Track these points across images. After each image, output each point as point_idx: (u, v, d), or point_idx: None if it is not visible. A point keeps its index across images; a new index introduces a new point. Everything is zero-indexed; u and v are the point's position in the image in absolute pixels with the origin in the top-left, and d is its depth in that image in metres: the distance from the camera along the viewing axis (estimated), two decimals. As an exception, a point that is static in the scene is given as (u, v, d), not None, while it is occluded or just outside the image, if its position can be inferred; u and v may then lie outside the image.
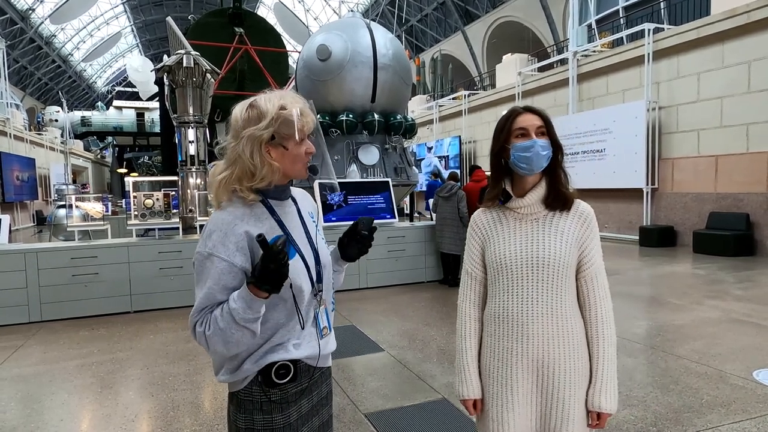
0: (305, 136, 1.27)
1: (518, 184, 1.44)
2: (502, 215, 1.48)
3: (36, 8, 30.29)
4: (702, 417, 2.93)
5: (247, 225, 1.24)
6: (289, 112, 1.24)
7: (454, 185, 6.91)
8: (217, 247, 1.21)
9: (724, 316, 5.06)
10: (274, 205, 1.31)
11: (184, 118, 6.58)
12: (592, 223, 1.44)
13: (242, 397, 1.28)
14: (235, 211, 1.26)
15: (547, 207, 1.43)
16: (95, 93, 48.15)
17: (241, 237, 1.22)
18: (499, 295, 1.44)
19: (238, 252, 1.22)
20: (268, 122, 1.23)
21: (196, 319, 1.22)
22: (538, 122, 1.40)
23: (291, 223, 1.33)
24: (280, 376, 1.26)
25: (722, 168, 9.71)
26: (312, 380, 1.34)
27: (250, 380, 1.27)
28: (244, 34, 11.21)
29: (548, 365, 1.38)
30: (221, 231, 1.22)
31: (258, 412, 1.26)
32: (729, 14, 9.35)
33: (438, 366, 3.90)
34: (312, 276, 1.32)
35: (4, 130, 20.10)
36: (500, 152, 1.43)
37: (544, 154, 1.38)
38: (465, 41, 27.20)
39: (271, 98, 1.26)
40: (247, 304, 1.15)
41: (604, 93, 12.44)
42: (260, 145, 1.23)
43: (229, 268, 1.21)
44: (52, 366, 4.13)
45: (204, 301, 1.21)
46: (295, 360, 1.28)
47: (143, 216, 6.31)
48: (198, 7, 35.92)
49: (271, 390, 1.26)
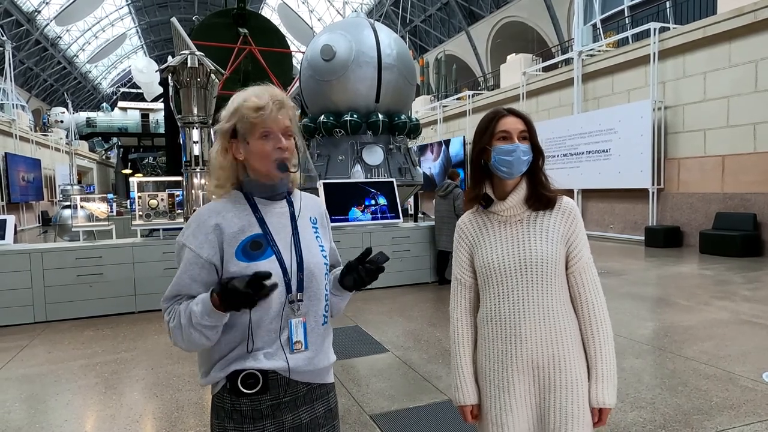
0: (267, 131, 1.21)
1: (498, 187, 1.44)
2: (487, 219, 1.47)
3: (42, 10, 30.45)
4: (711, 419, 2.89)
5: (221, 219, 1.23)
6: (249, 104, 1.21)
7: (450, 183, 6.92)
8: (188, 238, 1.23)
9: (733, 317, 5.01)
10: (260, 203, 1.28)
11: (189, 119, 6.57)
12: (576, 218, 1.43)
13: (216, 403, 1.25)
14: (215, 206, 1.26)
15: (530, 207, 1.42)
16: (100, 94, 48.37)
17: (210, 229, 1.22)
18: (490, 299, 1.43)
19: (206, 244, 1.21)
20: (229, 115, 1.24)
21: (164, 306, 1.24)
22: (521, 126, 1.40)
23: (276, 223, 1.28)
24: (248, 385, 1.20)
25: (729, 168, 9.64)
26: (295, 395, 1.25)
27: (221, 386, 1.23)
28: (248, 34, 11.22)
29: (544, 365, 1.37)
30: (195, 222, 1.24)
31: (229, 420, 1.22)
32: (736, 13, 9.29)
33: (443, 367, 3.87)
34: (290, 281, 1.24)
35: (10, 131, 20.22)
36: (481, 153, 1.43)
37: (525, 159, 1.38)
38: (469, 41, 27.16)
39: (240, 93, 1.25)
40: (206, 311, 1.13)
41: (609, 93, 12.38)
42: (224, 139, 1.24)
43: (195, 259, 1.21)
44: (56, 366, 4.13)
45: (173, 289, 1.23)
46: (264, 370, 1.20)
47: (148, 216, 6.31)
48: (202, 8, 36.02)
49: (240, 399, 1.21)
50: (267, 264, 1.21)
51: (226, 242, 1.21)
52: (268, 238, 1.25)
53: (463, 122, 19.03)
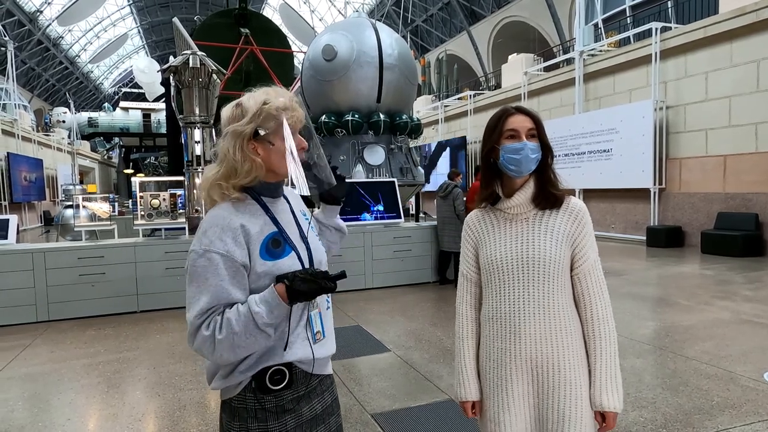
0: (291, 131, 1.24)
1: (507, 185, 1.45)
2: (494, 217, 1.48)
3: (44, 10, 30.50)
4: (713, 419, 2.89)
5: (244, 219, 1.23)
6: (272, 106, 1.22)
7: (450, 184, 6.92)
8: (215, 243, 1.18)
9: (734, 316, 5.01)
10: (268, 202, 1.30)
11: (190, 119, 6.60)
12: (584, 220, 1.42)
13: (236, 405, 1.24)
14: (229, 207, 1.24)
15: (537, 206, 1.42)
16: (102, 94, 48.44)
17: (237, 231, 1.20)
18: (492, 296, 1.44)
19: (237, 246, 1.18)
20: (249, 118, 1.22)
21: (200, 321, 1.15)
22: (529, 124, 1.40)
23: (284, 220, 1.31)
24: (275, 381, 1.22)
25: (731, 168, 9.63)
26: (309, 387, 1.30)
27: (244, 386, 1.23)
28: (250, 34, 11.24)
29: (542, 365, 1.37)
30: (217, 226, 1.20)
31: (252, 420, 1.22)
32: (737, 13, 9.28)
33: (445, 366, 3.88)
34: None
35: (12, 131, 20.25)
36: (490, 152, 1.43)
37: (533, 157, 1.38)
38: (470, 41, 27.15)
39: (255, 95, 1.25)
40: (270, 308, 1.13)
41: (610, 93, 12.37)
42: (243, 141, 1.22)
43: (230, 263, 1.17)
44: (59, 365, 4.15)
45: (210, 300, 1.15)
46: (289, 364, 1.24)
47: (149, 216, 6.32)
48: (204, 8, 36.04)
49: (266, 397, 1.22)
50: (289, 261, 1.24)
51: (252, 243, 1.21)
52: (284, 236, 1.27)
53: (465, 122, 19.02)
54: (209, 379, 1.28)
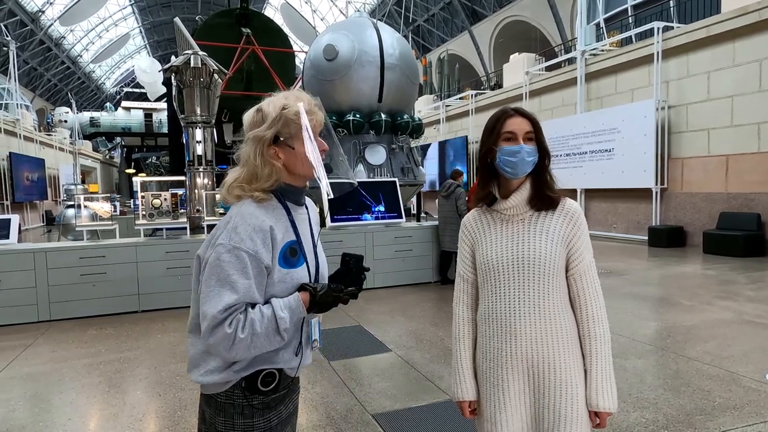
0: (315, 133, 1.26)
1: (504, 186, 1.46)
2: (490, 217, 1.49)
3: (46, 10, 30.55)
4: (714, 420, 2.88)
5: (273, 222, 1.24)
6: (291, 111, 1.23)
7: (452, 183, 6.93)
8: (245, 241, 1.18)
9: (736, 317, 4.99)
10: (291, 208, 1.31)
11: (192, 119, 6.60)
12: (579, 221, 1.43)
13: (222, 401, 1.25)
14: (258, 206, 1.24)
15: (533, 207, 1.43)
16: (104, 94, 48.51)
17: (267, 233, 1.21)
18: (488, 297, 1.45)
19: (264, 249, 1.20)
20: (270, 123, 1.24)
21: (224, 317, 1.13)
22: (527, 127, 1.41)
23: (302, 229, 1.32)
24: (266, 383, 1.25)
25: (733, 168, 9.61)
26: (289, 389, 1.34)
27: (233, 384, 1.24)
28: (251, 34, 11.24)
29: (538, 365, 1.38)
30: (249, 225, 1.20)
31: (239, 417, 1.25)
32: (740, 12, 9.25)
33: (445, 367, 3.87)
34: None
35: (14, 130, 20.29)
36: (487, 153, 1.44)
37: (530, 160, 1.39)
38: (472, 41, 27.12)
39: (275, 100, 1.26)
40: (293, 314, 1.16)
41: (612, 92, 12.35)
42: (263, 146, 1.24)
43: (256, 263, 1.18)
44: (60, 365, 4.15)
45: (239, 297, 1.14)
46: (280, 368, 1.28)
47: (151, 216, 6.33)
48: (205, 8, 36.08)
49: (255, 396, 1.25)
50: (301, 272, 1.27)
51: (275, 247, 1.22)
52: (300, 246, 1.29)
53: (466, 122, 19.00)
54: (191, 368, 1.26)
